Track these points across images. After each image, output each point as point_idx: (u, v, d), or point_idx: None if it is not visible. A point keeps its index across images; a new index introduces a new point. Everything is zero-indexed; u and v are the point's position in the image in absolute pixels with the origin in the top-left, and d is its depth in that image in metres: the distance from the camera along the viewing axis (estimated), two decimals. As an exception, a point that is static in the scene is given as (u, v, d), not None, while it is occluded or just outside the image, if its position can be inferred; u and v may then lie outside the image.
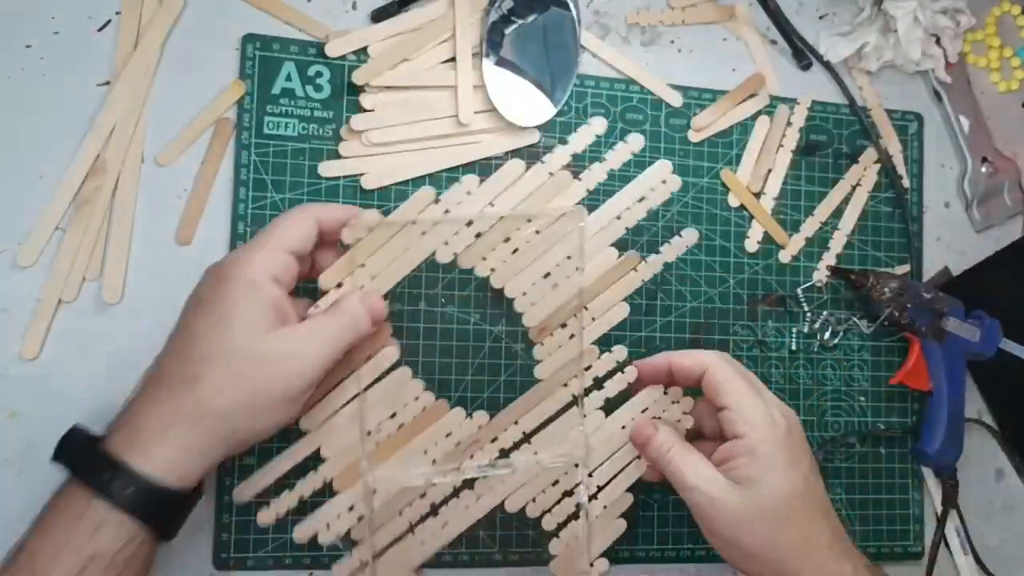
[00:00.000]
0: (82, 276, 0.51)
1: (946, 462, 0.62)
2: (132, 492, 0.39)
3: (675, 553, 0.59)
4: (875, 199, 0.66)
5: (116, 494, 0.39)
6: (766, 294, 0.63)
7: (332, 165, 0.55)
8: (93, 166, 0.51)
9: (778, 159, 0.64)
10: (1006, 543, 0.66)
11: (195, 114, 0.54)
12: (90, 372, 0.51)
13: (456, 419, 0.53)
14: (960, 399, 0.62)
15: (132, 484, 0.39)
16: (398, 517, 0.52)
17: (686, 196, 0.61)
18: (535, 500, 0.53)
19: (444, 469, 0.52)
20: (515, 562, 0.56)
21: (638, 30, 0.63)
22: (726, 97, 0.63)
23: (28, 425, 0.50)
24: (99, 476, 0.39)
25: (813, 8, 0.67)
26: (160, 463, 0.40)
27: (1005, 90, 0.69)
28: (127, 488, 0.39)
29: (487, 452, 0.53)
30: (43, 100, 0.52)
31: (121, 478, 0.39)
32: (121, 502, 0.39)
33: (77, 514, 0.39)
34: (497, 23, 0.57)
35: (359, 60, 0.56)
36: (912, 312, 0.61)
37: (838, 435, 0.63)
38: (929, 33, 0.66)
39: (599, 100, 0.60)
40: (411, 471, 0.51)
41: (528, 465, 0.53)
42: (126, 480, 0.39)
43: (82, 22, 0.53)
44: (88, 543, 0.39)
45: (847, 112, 0.66)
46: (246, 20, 0.55)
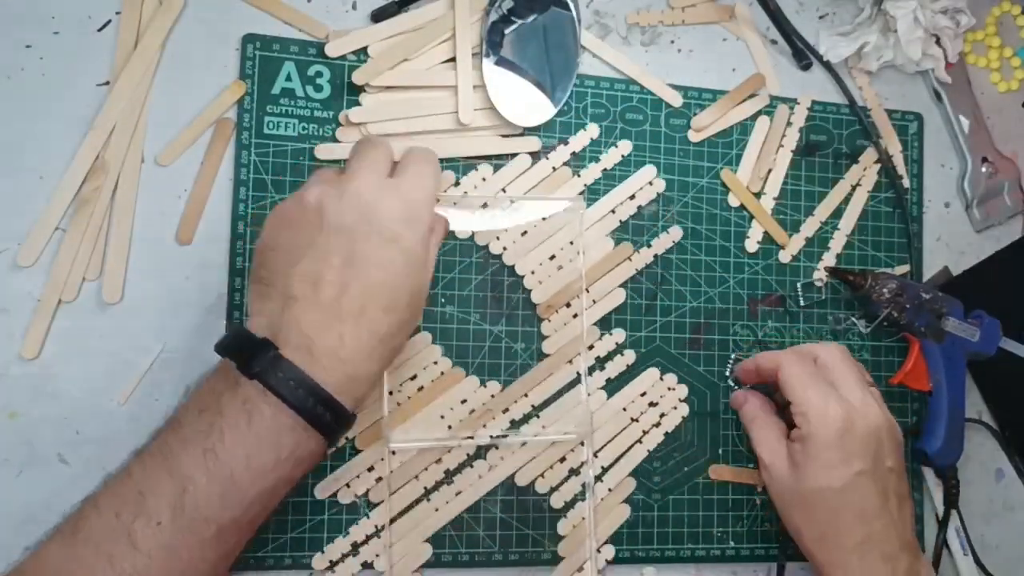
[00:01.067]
0: (82, 276, 0.51)
1: (947, 462, 0.62)
2: (338, 425, 0.43)
3: (675, 553, 0.59)
4: (875, 199, 0.66)
5: (331, 433, 0.43)
6: (766, 294, 0.63)
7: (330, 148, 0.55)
8: (93, 166, 0.51)
9: (778, 159, 0.64)
10: (1006, 543, 0.66)
11: (195, 114, 0.54)
12: (90, 372, 0.51)
13: (471, 386, 0.56)
14: (960, 399, 0.62)
15: (339, 418, 0.43)
16: (415, 481, 0.55)
17: (686, 196, 0.61)
18: (544, 476, 0.57)
19: (459, 436, 0.55)
20: (515, 562, 0.56)
21: (638, 30, 0.63)
22: (726, 97, 0.63)
23: (28, 425, 0.50)
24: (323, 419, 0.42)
25: (813, 8, 0.67)
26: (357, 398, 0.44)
27: (1005, 90, 0.69)
28: (337, 426, 0.43)
29: (499, 422, 0.56)
30: (43, 100, 0.51)
31: (335, 415, 0.43)
32: (333, 438, 0.44)
33: (290, 447, 0.42)
34: (497, 23, 0.57)
35: (359, 60, 0.56)
36: (911, 312, 0.61)
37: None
38: (929, 33, 0.66)
39: (599, 100, 0.60)
40: (429, 434, 0.55)
41: (537, 438, 0.57)
42: (336, 418, 0.43)
43: (82, 22, 0.53)
44: (291, 469, 0.42)
45: (847, 112, 0.66)
46: (246, 20, 0.55)
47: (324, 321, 0.42)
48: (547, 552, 0.56)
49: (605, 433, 0.58)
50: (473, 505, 0.56)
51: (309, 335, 0.42)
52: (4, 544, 0.48)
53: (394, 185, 0.45)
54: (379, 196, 0.44)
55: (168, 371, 0.52)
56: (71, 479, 0.50)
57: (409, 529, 0.54)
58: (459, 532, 0.55)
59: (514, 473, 0.56)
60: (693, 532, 0.59)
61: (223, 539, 0.41)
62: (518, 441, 0.56)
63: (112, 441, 0.51)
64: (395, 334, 0.44)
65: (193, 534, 0.40)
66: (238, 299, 0.53)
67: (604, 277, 0.59)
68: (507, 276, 0.58)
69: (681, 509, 0.59)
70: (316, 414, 0.42)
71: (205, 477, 0.40)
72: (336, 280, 0.43)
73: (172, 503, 0.40)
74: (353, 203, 0.44)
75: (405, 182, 0.45)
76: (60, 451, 0.50)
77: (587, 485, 0.57)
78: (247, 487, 0.41)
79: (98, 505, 0.41)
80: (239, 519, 0.41)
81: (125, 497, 0.41)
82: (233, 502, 0.41)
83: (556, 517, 0.57)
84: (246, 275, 0.53)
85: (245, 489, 0.41)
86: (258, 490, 0.41)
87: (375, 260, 0.43)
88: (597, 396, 0.58)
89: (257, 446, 0.41)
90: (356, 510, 0.54)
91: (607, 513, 0.58)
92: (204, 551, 0.40)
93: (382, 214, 0.44)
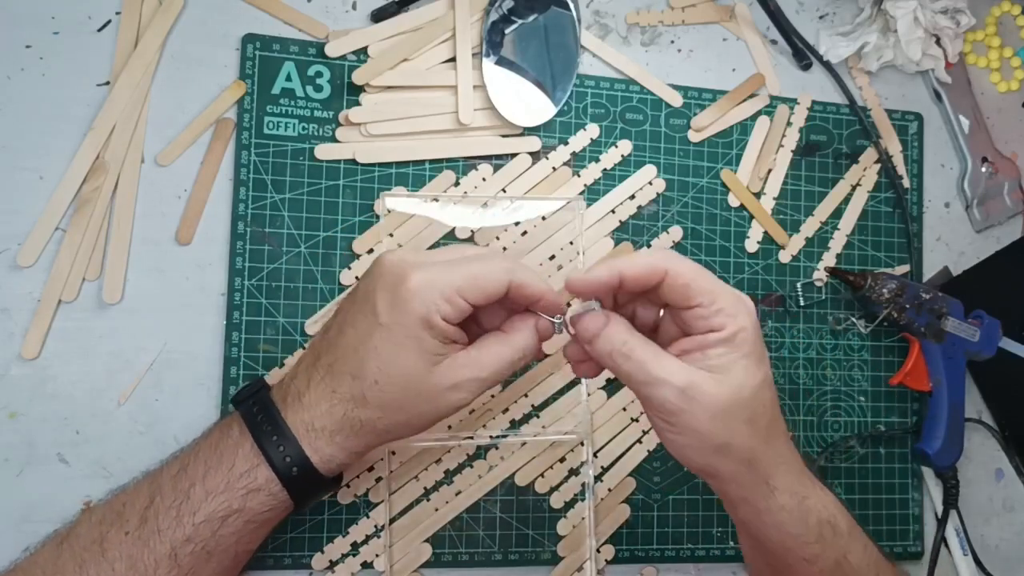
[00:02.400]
0: (82, 276, 0.51)
1: (946, 462, 0.62)
2: (298, 474, 0.44)
3: (675, 553, 0.59)
4: (875, 199, 0.66)
5: (282, 469, 0.43)
6: (766, 294, 0.63)
7: (330, 148, 0.56)
8: (93, 166, 0.51)
9: (778, 159, 0.64)
10: (1006, 543, 0.66)
11: (195, 114, 0.54)
12: (90, 372, 0.51)
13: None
14: (960, 399, 0.62)
15: (299, 467, 0.44)
16: (414, 481, 0.55)
17: (686, 196, 0.61)
18: (543, 476, 0.57)
19: (459, 436, 0.55)
20: (515, 562, 0.56)
21: (638, 30, 0.63)
22: (726, 97, 0.63)
23: (28, 425, 0.50)
24: (275, 449, 0.43)
25: (813, 8, 0.67)
26: (323, 456, 0.44)
27: (1005, 90, 0.69)
28: (293, 468, 0.44)
29: (499, 422, 0.56)
30: (43, 100, 0.51)
31: (292, 457, 0.43)
32: (284, 476, 0.44)
33: (241, 471, 0.43)
34: (497, 23, 0.57)
35: (359, 60, 0.56)
36: (911, 312, 0.61)
37: (839, 439, 0.63)
38: (929, 33, 0.66)
39: (599, 100, 0.60)
40: (428, 434, 0.54)
41: (536, 438, 0.56)
42: (295, 461, 0.43)
43: (82, 22, 0.53)
44: (241, 499, 0.43)
45: (847, 112, 0.66)
46: (246, 20, 0.55)
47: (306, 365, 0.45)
48: (547, 552, 0.56)
49: (605, 433, 0.58)
50: (473, 505, 0.56)
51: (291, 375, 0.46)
52: (4, 544, 0.48)
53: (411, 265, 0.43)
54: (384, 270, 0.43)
55: (168, 371, 0.52)
56: (71, 479, 0.50)
57: (409, 529, 0.54)
58: (459, 532, 0.55)
59: (514, 473, 0.56)
60: (693, 532, 0.59)
61: (177, 562, 0.42)
62: (518, 441, 0.56)
63: (112, 441, 0.51)
64: (361, 404, 0.43)
65: (150, 548, 0.42)
66: (238, 299, 0.53)
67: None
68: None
69: (681, 509, 0.59)
70: (272, 443, 0.43)
71: (171, 488, 0.43)
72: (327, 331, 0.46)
73: (141, 513, 0.42)
74: (371, 270, 0.44)
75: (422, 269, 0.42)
76: (60, 451, 0.50)
77: (587, 485, 0.57)
78: (197, 504, 0.42)
79: (91, 513, 0.44)
80: (191, 540, 0.42)
81: (113, 507, 0.44)
82: (185, 519, 0.42)
83: (556, 517, 0.57)
84: (246, 275, 0.53)
85: (196, 506, 0.42)
86: (207, 512, 0.42)
87: (351, 321, 0.44)
88: (597, 396, 0.58)
89: (217, 462, 0.44)
90: (356, 510, 0.54)
91: (607, 513, 0.58)
92: (159, 570, 0.42)
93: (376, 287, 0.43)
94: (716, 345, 0.42)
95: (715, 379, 0.42)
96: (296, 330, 0.54)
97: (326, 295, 0.55)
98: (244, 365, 0.53)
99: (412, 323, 0.42)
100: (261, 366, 0.53)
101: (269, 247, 0.54)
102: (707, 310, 0.42)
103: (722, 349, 0.42)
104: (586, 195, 0.60)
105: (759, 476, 0.43)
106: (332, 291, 0.55)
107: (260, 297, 0.54)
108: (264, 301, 0.54)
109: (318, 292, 0.55)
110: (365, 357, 0.43)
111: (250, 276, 0.53)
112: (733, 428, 0.42)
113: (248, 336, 0.53)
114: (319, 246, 0.55)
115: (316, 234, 0.55)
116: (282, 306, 0.54)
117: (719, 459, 0.43)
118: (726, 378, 0.42)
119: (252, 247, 0.54)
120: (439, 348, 0.43)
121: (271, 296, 0.54)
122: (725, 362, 0.42)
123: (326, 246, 0.55)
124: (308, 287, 0.54)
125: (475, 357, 0.44)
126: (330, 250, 0.55)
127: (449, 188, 0.57)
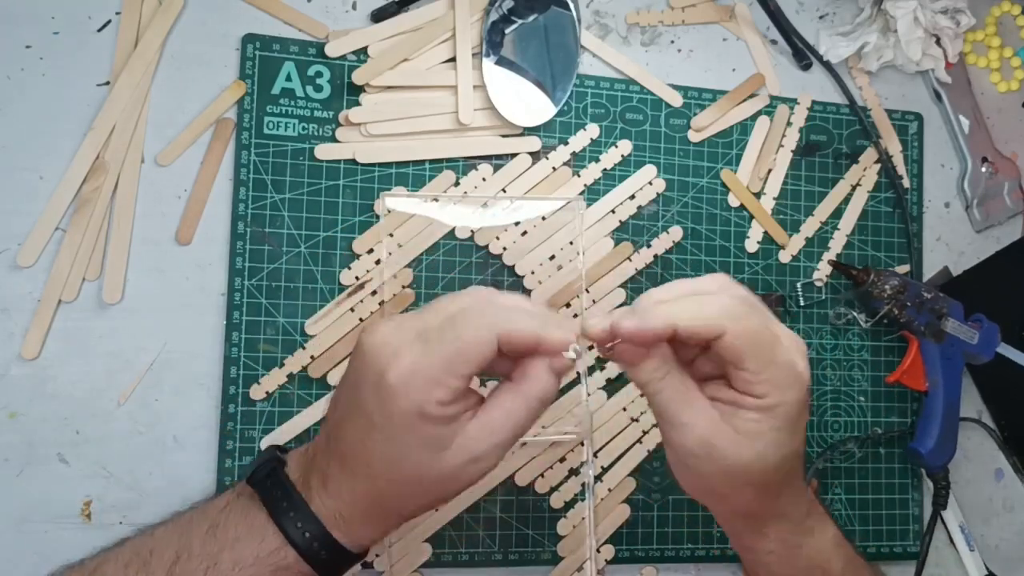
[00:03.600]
0: (82, 276, 0.51)
1: (938, 463, 0.62)
2: (325, 555, 0.41)
3: (675, 553, 0.59)
4: (875, 199, 0.66)
5: (308, 551, 0.41)
6: (766, 294, 0.63)
7: (330, 148, 0.56)
8: (93, 166, 0.51)
9: (778, 159, 0.64)
10: (1006, 543, 0.66)
11: (195, 114, 0.54)
12: (90, 372, 0.51)
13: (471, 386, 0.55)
14: (955, 400, 0.62)
15: (325, 548, 0.41)
16: None
17: (686, 196, 0.61)
18: (543, 476, 0.57)
19: None
20: (515, 562, 0.56)
21: (638, 30, 0.63)
22: (726, 97, 0.63)
23: (28, 425, 0.50)
24: (301, 536, 0.41)
25: (813, 8, 0.67)
26: (354, 539, 0.42)
27: (1005, 90, 0.69)
28: (322, 552, 0.41)
29: None
30: (43, 100, 0.51)
31: (319, 542, 0.41)
32: (310, 556, 0.41)
33: (271, 548, 0.41)
34: (497, 23, 0.57)
35: (359, 60, 0.56)
36: (911, 311, 0.61)
37: (837, 442, 0.63)
38: (929, 33, 0.66)
39: (599, 100, 0.60)
40: None
41: (536, 438, 0.56)
42: (322, 545, 0.41)
43: (82, 22, 0.53)
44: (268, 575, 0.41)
45: (847, 112, 0.66)
46: (246, 20, 0.55)
47: (323, 445, 0.42)
48: (547, 552, 0.56)
49: (605, 433, 0.58)
50: (473, 505, 0.56)
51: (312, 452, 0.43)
52: (4, 544, 0.48)
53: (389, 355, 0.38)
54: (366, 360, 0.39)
55: (168, 371, 0.52)
56: (71, 479, 0.50)
57: (409, 529, 0.54)
58: (459, 532, 0.55)
59: (514, 473, 0.56)
60: (693, 532, 0.59)
61: None
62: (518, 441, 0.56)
63: (112, 441, 0.51)
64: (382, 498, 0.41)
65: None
66: (238, 299, 0.53)
67: (604, 277, 0.59)
68: (507, 276, 0.58)
69: (681, 509, 0.59)
70: (297, 531, 0.41)
71: (199, 550, 0.41)
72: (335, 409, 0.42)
73: (168, 568, 0.41)
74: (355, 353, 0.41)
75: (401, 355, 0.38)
76: (60, 451, 0.50)
77: (587, 485, 0.57)
78: (225, 573, 0.40)
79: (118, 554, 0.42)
80: None
81: (140, 552, 0.42)
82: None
83: (556, 517, 0.57)
84: (246, 275, 0.53)
85: (223, 574, 0.41)
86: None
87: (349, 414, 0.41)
88: (597, 396, 0.58)
89: (247, 534, 0.41)
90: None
91: (607, 513, 0.58)
92: None
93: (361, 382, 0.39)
94: (752, 410, 0.39)
95: (738, 442, 0.39)
96: (296, 330, 0.54)
97: (326, 295, 0.55)
98: (244, 365, 0.53)
99: (405, 421, 0.38)
100: (261, 366, 0.53)
101: (269, 247, 0.54)
102: (755, 376, 0.39)
103: (756, 415, 0.39)
104: (586, 195, 0.60)
105: (753, 526, 0.43)
106: (332, 291, 0.55)
107: (260, 297, 0.54)
108: (264, 301, 0.54)
109: (318, 292, 0.55)
110: (370, 458, 0.39)
111: (250, 276, 0.53)
112: (741, 490, 0.41)
113: (248, 336, 0.53)
114: (319, 246, 0.55)
115: (316, 234, 0.55)
116: (282, 306, 0.54)
117: (716, 504, 0.43)
118: (751, 444, 0.39)
119: (252, 247, 0.54)
120: (444, 431, 0.38)
121: (271, 296, 0.54)
122: (755, 429, 0.39)
123: (326, 246, 0.55)
124: (308, 287, 0.54)
125: (487, 423, 0.39)
126: (330, 250, 0.55)
127: (449, 188, 0.57)
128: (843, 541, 0.45)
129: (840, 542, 0.45)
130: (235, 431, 0.52)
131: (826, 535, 0.44)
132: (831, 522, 0.45)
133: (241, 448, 0.52)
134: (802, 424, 0.41)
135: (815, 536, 0.44)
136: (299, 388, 0.54)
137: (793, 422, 0.39)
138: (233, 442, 0.52)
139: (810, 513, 0.44)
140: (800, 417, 0.40)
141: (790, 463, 0.41)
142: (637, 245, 0.60)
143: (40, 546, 0.49)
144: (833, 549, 0.45)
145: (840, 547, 0.45)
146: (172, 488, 0.51)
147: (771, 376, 0.39)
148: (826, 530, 0.45)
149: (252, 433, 0.53)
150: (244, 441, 0.53)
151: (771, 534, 0.43)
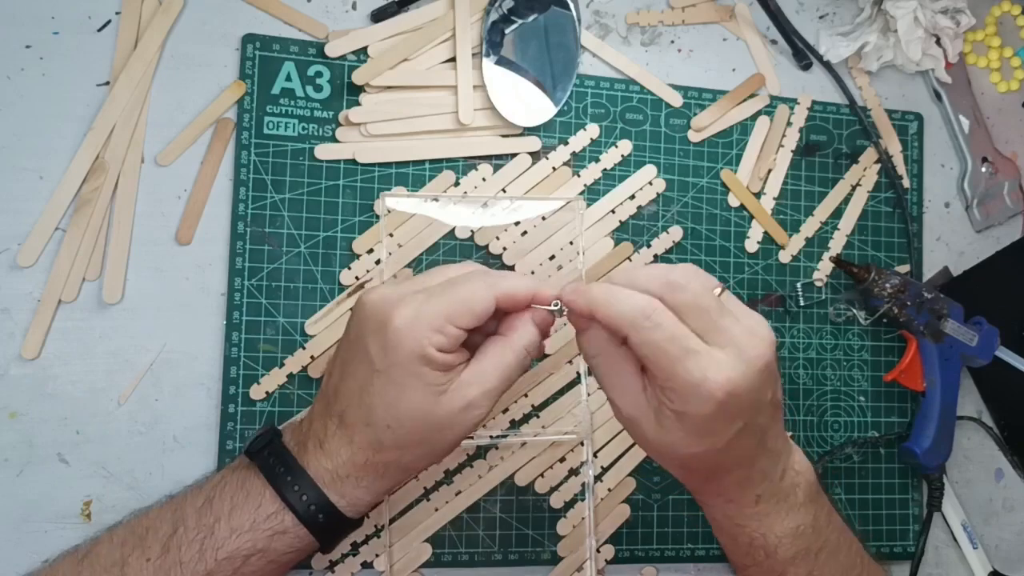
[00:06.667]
0: (82, 276, 0.51)
1: (934, 463, 0.62)
2: (324, 520, 0.43)
3: (675, 553, 0.59)
4: (875, 199, 0.66)
5: (308, 518, 0.43)
6: (766, 294, 0.63)
7: (330, 148, 0.56)
8: (93, 166, 0.51)
9: (778, 159, 0.64)
10: (1006, 543, 0.66)
11: (195, 114, 0.54)
12: (90, 372, 0.51)
13: None
14: (952, 401, 0.62)
15: (325, 514, 0.43)
16: (414, 481, 0.55)
17: (686, 196, 0.61)
18: (543, 476, 0.57)
19: None
20: (515, 562, 0.56)
21: (638, 30, 0.63)
22: (726, 97, 0.63)
23: (28, 425, 0.50)
24: (298, 499, 0.43)
25: (813, 8, 0.67)
26: (351, 500, 0.44)
27: (1005, 90, 0.69)
28: (320, 516, 0.43)
29: (498, 423, 0.56)
30: (43, 100, 0.51)
31: (317, 505, 0.43)
32: (308, 520, 0.43)
33: (268, 512, 0.43)
34: (497, 23, 0.57)
35: (359, 60, 0.56)
36: (911, 310, 0.61)
37: (836, 447, 0.63)
38: (929, 33, 0.66)
39: (599, 100, 0.60)
40: None
41: (536, 437, 0.56)
42: (320, 508, 0.43)
43: (82, 22, 0.53)
44: (266, 540, 0.43)
45: (847, 112, 0.66)
46: (246, 20, 0.55)
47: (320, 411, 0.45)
48: (547, 552, 0.56)
49: (605, 433, 0.58)
50: (473, 505, 0.56)
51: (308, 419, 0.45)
52: (4, 544, 0.48)
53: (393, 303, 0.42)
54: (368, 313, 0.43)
55: (168, 371, 0.52)
56: (71, 479, 0.50)
57: (408, 529, 0.54)
58: (459, 532, 0.55)
59: (514, 473, 0.56)
60: (693, 532, 0.59)
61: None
62: (518, 441, 0.56)
63: (112, 441, 0.51)
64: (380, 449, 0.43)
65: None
66: (238, 299, 0.53)
67: (604, 277, 0.59)
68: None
69: (681, 509, 0.59)
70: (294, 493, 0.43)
71: (195, 520, 0.43)
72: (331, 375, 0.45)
73: (164, 542, 0.42)
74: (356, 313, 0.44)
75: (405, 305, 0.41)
76: (60, 451, 0.50)
77: (587, 485, 0.57)
78: (222, 541, 0.42)
79: (113, 534, 0.44)
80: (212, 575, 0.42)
81: (135, 530, 0.43)
82: (208, 554, 0.42)
83: (556, 517, 0.57)
84: (246, 275, 0.53)
85: (220, 542, 0.42)
86: (230, 550, 0.42)
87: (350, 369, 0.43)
88: (597, 396, 0.58)
89: (243, 500, 0.43)
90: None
91: (607, 513, 0.58)
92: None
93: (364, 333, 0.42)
94: (666, 407, 0.40)
95: (657, 428, 0.41)
96: (296, 330, 0.54)
97: (326, 295, 0.55)
98: (244, 365, 0.53)
99: (408, 363, 0.41)
100: (261, 366, 0.53)
101: (269, 247, 0.54)
102: (662, 382, 0.40)
103: (670, 413, 0.40)
104: (586, 195, 0.60)
105: (694, 494, 0.47)
106: (332, 291, 0.55)
107: (260, 297, 0.54)
108: (264, 301, 0.54)
109: (318, 292, 0.55)
110: (371, 404, 0.42)
111: (250, 276, 0.54)
112: (669, 465, 0.45)
113: (248, 336, 0.53)
114: (319, 246, 0.55)
115: (316, 234, 0.55)
116: (282, 306, 0.54)
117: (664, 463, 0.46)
118: (667, 434, 0.40)
119: (252, 247, 0.54)
120: (442, 378, 0.42)
121: (271, 296, 0.54)
122: (668, 424, 0.40)
123: (326, 246, 0.55)
124: (308, 287, 0.54)
125: (479, 371, 0.43)
126: (330, 250, 0.55)
127: (449, 188, 0.57)
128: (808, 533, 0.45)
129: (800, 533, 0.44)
130: (235, 431, 0.52)
131: (785, 523, 0.44)
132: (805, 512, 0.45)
133: (241, 448, 0.52)
134: (726, 430, 0.40)
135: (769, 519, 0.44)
136: (299, 388, 0.54)
137: (706, 430, 0.40)
138: (233, 442, 0.52)
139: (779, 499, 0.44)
140: (721, 426, 0.40)
141: (721, 458, 0.41)
142: (637, 245, 0.60)
143: (40, 546, 0.49)
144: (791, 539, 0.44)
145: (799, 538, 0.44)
146: (172, 488, 0.51)
147: (676, 387, 0.39)
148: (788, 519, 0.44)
149: (252, 433, 0.53)
150: (244, 441, 0.52)
151: (712, 508, 0.46)
